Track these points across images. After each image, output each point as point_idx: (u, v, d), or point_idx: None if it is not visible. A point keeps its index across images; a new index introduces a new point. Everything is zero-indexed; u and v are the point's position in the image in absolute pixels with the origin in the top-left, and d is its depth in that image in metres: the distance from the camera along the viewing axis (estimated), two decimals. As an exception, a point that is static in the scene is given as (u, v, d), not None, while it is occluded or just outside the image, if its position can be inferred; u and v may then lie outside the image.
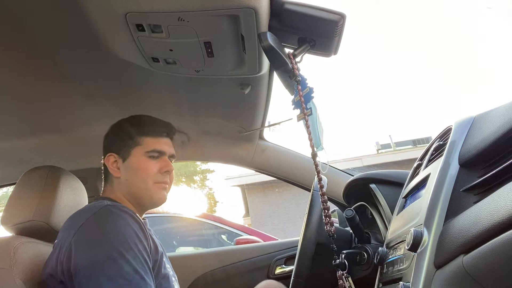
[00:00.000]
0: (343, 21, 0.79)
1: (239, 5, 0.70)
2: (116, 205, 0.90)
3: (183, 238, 4.05)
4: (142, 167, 0.97)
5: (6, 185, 1.74)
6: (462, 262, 0.52)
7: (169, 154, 1.03)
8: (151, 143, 1.00)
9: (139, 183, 0.97)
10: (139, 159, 0.98)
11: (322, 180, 0.81)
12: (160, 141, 1.01)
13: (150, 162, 0.98)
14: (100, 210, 0.86)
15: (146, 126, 1.02)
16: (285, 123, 1.43)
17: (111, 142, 1.03)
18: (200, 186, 14.01)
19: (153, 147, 0.99)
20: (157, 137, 1.01)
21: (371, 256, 1.07)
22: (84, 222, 0.83)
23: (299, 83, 0.83)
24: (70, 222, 0.88)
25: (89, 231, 0.83)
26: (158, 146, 1.00)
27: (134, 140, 0.99)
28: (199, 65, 0.92)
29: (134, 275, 0.78)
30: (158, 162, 1.00)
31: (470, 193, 0.63)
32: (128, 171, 0.98)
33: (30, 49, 0.87)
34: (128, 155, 0.99)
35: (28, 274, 0.86)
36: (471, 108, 20.84)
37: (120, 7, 0.72)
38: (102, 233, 0.82)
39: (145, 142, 0.99)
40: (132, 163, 0.98)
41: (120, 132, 1.02)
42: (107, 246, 0.80)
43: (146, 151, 0.98)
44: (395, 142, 11.40)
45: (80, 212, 0.90)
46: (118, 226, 0.83)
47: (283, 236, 4.85)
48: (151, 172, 0.98)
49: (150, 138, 1.00)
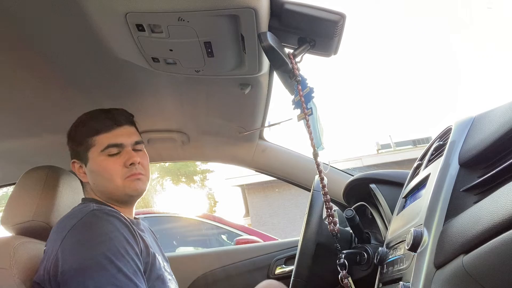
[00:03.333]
0: (343, 21, 0.79)
1: (239, 5, 0.70)
2: (103, 208, 0.86)
3: (183, 238, 4.05)
4: (103, 168, 0.91)
5: (6, 185, 1.74)
6: (462, 262, 0.52)
7: (131, 142, 0.95)
8: (103, 140, 0.92)
9: (106, 184, 0.92)
10: (97, 160, 0.92)
11: (324, 180, 0.81)
12: (113, 134, 0.93)
13: (110, 160, 0.91)
14: (87, 215, 0.82)
15: (91, 125, 0.94)
16: (285, 123, 1.43)
17: (71, 149, 0.99)
18: (200, 186, 14.02)
19: (106, 143, 0.92)
20: (107, 132, 0.93)
21: (371, 256, 1.07)
22: (70, 229, 0.80)
23: (299, 83, 0.83)
24: (56, 229, 0.85)
25: (76, 238, 0.79)
26: (112, 140, 0.92)
27: (85, 143, 0.94)
28: (199, 65, 0.92)
29: (127, 283, 0.75)
30: (120, 156, 0.92)
31: (470, 193, 0.63)
32: (92, 175, 0.94)
33: (30, 49, 0.87)
34: (87, 159, 0.94)
35: (28, 274, 0.86)
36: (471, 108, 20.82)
37: (120, 7, 0.72)
38: (90, 239, 0.79)
39: (97, 141, 0.92)
40: (92, 166, 0.93)
41: (73, 138, 0.98)
42: (95, 252, 0.76)
43: (100, 150, 0.92)
44: (395, 142, 11.40)
45: (66, 218, 0.86)
46: (105, 232, 0.79)
47: (283, 236, 4.85)
48: (115, 170, 0.91)
49: (101, 136, 0.92)
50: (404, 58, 26.18)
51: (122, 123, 0.96)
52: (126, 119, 0.98)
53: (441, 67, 22.72)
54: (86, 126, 0.95)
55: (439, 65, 23.46)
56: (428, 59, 22.61)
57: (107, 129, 0.93)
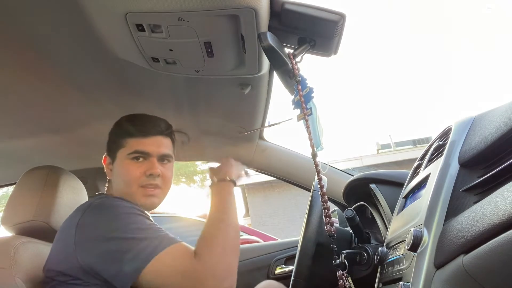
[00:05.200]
0: (343, 21, 0.79)
1: (239, 5, 0.70)
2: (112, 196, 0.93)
3: (183, 238, 4.02)
4: (125, 170, 0.94)
5: (6, 185, 1.74)
6: (462, 262, 0.52)
7: (158, 154, 0.96)
8: (132, 144, 0.95)
9: (123, 186, 0.95)
10: (122, 161, 0.95)
11: (322, 180, 0.81)
12: (145, 142, 0.95)
13: (133, 165, 0.94)
14: (98, 199, 0.87)
15: (129, 127, 0.97)
16: (285, 123, 1.43)
17: (107, 143, 1.03)
18: (200, 186, 14.01)
19: (134, 148, 0.94)
20: (141, 138, 0.95)
21: (371, 256, 1.07)
22: (82, 216, 0.83)
23: (299, 83, 0.83)
24: (69, 219, 0.88)
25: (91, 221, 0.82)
26: (141, 147, 0.94)
27: (118, 142, 0.97)
28: (199, 65, 0.92)
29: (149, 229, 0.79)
30: (143, 164, 0.94)
31: (470, 193, 0.63)
32: (115, 174, 0.97)
33: (29, 49, 0.87)
34: (115, 158, 0.98)
35: (28, 273, 0.86)
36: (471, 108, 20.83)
37: (120, 7, 0.72)
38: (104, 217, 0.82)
39: (128, 143, 0.95)
40: (117, 165, 0.97)
41: (111, 134, 1.02)
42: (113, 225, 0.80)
43: (128, 153, 0.94)
44: (395, 142, 11.40)
45: (79, 207, 0.90)
46: (116, 205, 0.84)
47: (283, 236, 4.84)
48: (134, 175, 0.93)
49: (134, 139, 0.95)
50: (404, 58, 26.17)
51: (155, 133, 0.97)
52: (160, 130, 0.99)
53: (441, 67, 22.71)
54: (123, 127, 0.99)
55: (439, 65, 23.45)
56: (428, 59, 22.59)
57: (139, 135, 0.96)
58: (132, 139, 0.95)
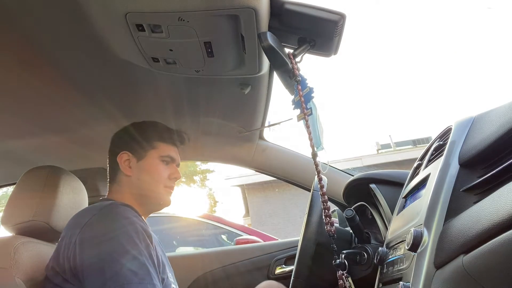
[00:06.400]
0: (343, 21, 0.79)
1: (239, 5, 0.70)
2: (122, 203, 0.91)
3: (183, 238, 4.04)
4: (156, 170, 1.03)
5: (6, 185, 1.74)
6: (462, 262, 0.52)
7: (177, 162, 1.09)
8: (166, 149, 1.06)
9: (150, 184, 1.02)
10: (154, 161, 1.03)
11: (322, 180, 0.81)
12: (172, 149, 1.08)
13: (163, 166, 1.04)
14: (105, 208, 0.87)
15: (163, 133, 1.08)
16: (285, 123, 1.43)
17: (125, 141, 1.06)
18: (200, 186, 14.01)
19: (167, 152, 1.05)
20: (170, 145, 1.07)
21: (371, 256, 1.07)
22: (88, 220, 0.83)
23: (299, 83, 0.83)
24: (75, 220, 0.88)
25: (94, 229, 0.82)
26: (171, 153, 1.06)
27: (151, 143, 1.05)
28: (199, 65, 0.92)
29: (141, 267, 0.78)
30: (169, 168, 1.05)
31: (470, 193, 0.63)
32: (141, 171, 1.02)
33: (30, 49, 0.87)
34: (143, 156, 1.03)
35: (28, 273, 0.86)
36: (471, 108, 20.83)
37: (120, 7, 0.72)
38: (107, 230, 0.82)
39: (160, 147, 1.05)
40: (146, 164, 1.03)
41: (137, 133, 1.06)
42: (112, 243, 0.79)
43: (160, 155, 1.04)
44: (395, 142, 11.39)
45: (85, 210, 0.91)
46: (123, 224, 0.83)
47: (283, 236, 4.85)
48: (163, 176, 1.03)
49: (165, 144, 1.06)
50: (404, 58, 26.16)
51: (179, 145, 1.12)
52: (183, 144, 1.13)
53: (441, 67, 22.71)
54: (159, 131, 1.08)
55: (439, 65, 23.45)
56: (428, 59, 22.59)
57: (171, 143, 1.09)
58: (164, 144, 1.06)
